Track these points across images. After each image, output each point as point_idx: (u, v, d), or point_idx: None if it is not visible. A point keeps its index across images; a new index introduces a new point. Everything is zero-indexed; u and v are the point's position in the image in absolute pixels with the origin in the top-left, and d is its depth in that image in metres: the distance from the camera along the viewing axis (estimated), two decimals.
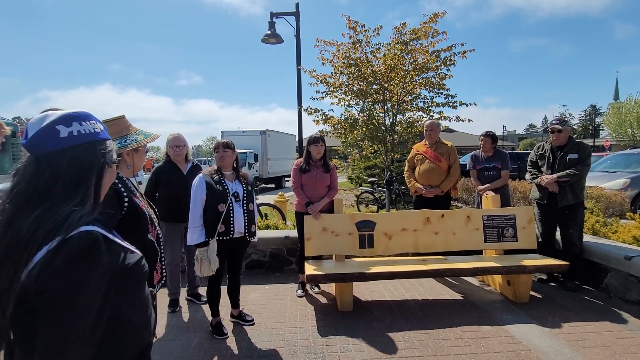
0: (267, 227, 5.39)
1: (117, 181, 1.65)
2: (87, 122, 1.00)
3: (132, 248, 1.02)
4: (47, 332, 0.80)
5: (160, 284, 1.76)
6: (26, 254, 0.82)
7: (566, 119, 4.34)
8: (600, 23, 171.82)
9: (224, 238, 2.96)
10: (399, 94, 7.06)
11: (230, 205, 2.96)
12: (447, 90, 7.05)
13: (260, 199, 9.59)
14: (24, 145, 0.93)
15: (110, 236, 0.95)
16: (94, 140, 0.99)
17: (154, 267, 1.68)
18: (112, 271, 0.90)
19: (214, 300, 3.15)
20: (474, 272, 3.78)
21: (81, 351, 0.84)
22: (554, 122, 4.15)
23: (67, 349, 0.81)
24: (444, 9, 6.83)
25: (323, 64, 7.10)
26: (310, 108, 7.39)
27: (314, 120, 7.35)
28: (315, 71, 7.30)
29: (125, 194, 1.64)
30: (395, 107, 7.24)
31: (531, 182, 4.37)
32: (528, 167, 4.40)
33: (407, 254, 4.19)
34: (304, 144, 4.05)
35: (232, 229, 2.97)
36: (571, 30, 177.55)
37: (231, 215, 2.96)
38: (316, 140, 3.88)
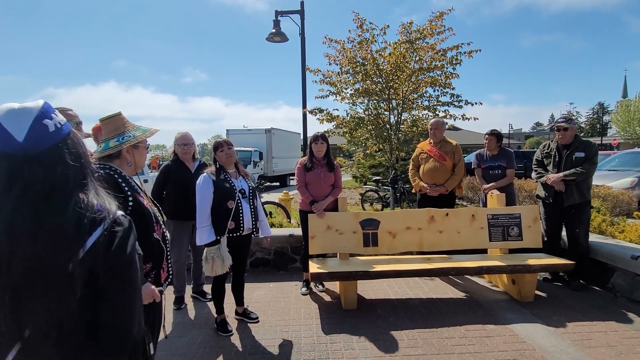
0: (272, 225, 5.40)
1: (120, 180, 1.63)
2: (56, 113, 1.00)
3: None
4: (121, 296, 0.94)
5: (167, 283, 1.76)
6: (80, 239, 0.91)
7: (572, 117, 4.31)
8: (613, 17, 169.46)
9: (234, 235, 2.99)
10: (404, 92, 7.03)
11: (239, 201, 2.99)
12: (453, 89, 7.01)
13: (265, 197, 9.61)
14: (22, 146, 0.89)
15: None
16: (70, 129, 1.03)
17: (160, 265, 1.68)
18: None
19: (218, 298, 3.18)
20: (478, 271, 3.77)
21: (139, 313, 0.99)
22: (560, 120, 4.13)
23: (136, 307, 0.98)
24: (452, 5, 6.79)
25: (329, 63, 7.09)
26: (315, 109, 7.39)
27: (318, 119, 7.35)
28: (320, 71, 7.29)
29: (129, 192, 1.61)
30: (401, 105, 7.21)
31: (537, 181, 4.34)
32: (534, 166, 4.37)
33: (411, 253, 4.19)
34: (309, 142, 4.06)
35: (241, 225, 3.00)
36: (583, 25, 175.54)
37: (240, 211, 2.99)
38: (316, 138, 3.88)
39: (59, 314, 0.87)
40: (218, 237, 2.92)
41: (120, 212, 1.00)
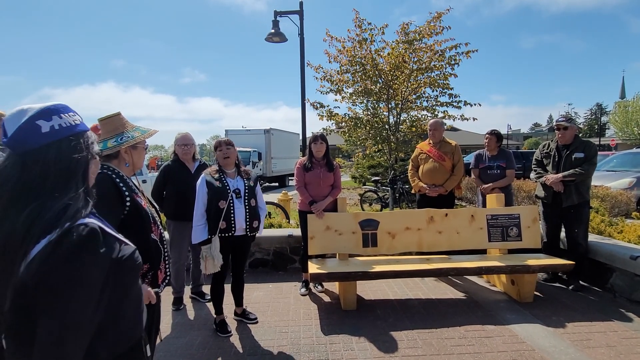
0: (271, 226, 5.39)
1: (118, 180, 1.63)
2: (66, 114, 0.98)
3: (126, 240, 1.03)
4: (47, 323, 0.81)
5: (164, 284, 1.75)
6: (23, 249, 0.83)
7: (572, 117, 4.31)
8: (613, 18, 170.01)
9: (226, 235, 2.99)
10: (403, 92, 7.04)
11: (231, 201, 2.98)
12: (451, 89, 7.02)
13: (264, 197, 9.60)
14: (5, 143, 0.91)
15: (106, 228, 0.95)
16: (76, 132, 0.98)
17: (157, 266, 1.67)
18: (108, 263, 0.91)
19: (217, 298, 3.17)
20: (477, 271, 3.77)
21: (79, 341, 0.85)
22: (560, 119, 4.13)
23: (67, 340, 0.83)
24: (452, 5, 6.81)
25: (330, 61, 7.10)
26: (316, 103, 7.38)
27: (319, 115, 7.35)
28: (321, 68, 7.30)
29: (126, 193, 1.61)
30: (400, 105, 7.22)
31: (536, 181, 4.35)
32: (533, 166, 4.37)
33: (410, 253, 4.18)
34: (308, 142, 4.05)
35: (233, 225, 2.99)
36: (583, 26, 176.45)
37: (232, 211, 2.98)
38: (316, 138, 3.88)
39: None
40: (210, 237, 2.95)
41: (83, 221, 0.89)
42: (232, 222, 2.98)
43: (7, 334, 0.87)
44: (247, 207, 3.06)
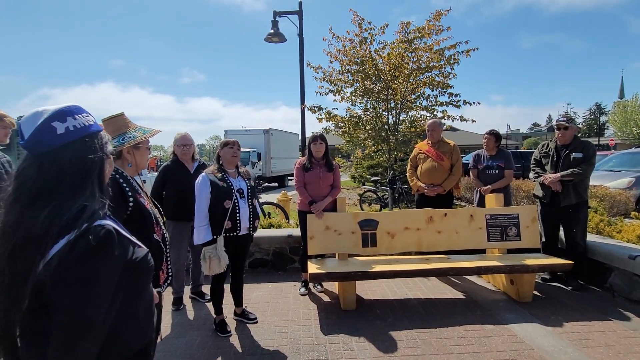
0: (271, 226, 5.40)
1: (121, 180, 1.63)
2: (80, 115, 0.99)
3: (139, 243, 1.04)
4: (63, 321, 0.83)
5: (166, 284, 1.75)
6: (42, 249, 0.85)
7: (572, 118, 4.32)
8: (613, 18, 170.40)
9: (231, 234, 2.99)
10: (402, 92, 7.05)
11: (236, 201, 2.98)
12: (451, 87, 7.03)
13: (264, 197, 9.60)
14: (23, 145, 0.93)
15: (120, 230, 0.97)
16: (90, 133, 1.00)
17: (159, 267, 1.68)
18: (122, 264, 0.93)
19: (217, 298, 3.18)
20: (477, 271, 3.78)
21: (93, 340, 0.88)
22: (560, 119, 4.14)
23: (82, 338, 0.85)
24: (451, 6, 6.85)
25: (331, 61, 7.11)
26: (314, 107, 7.40)
27: (318, 118, 7.36)
28: (321, 68, 7.31)
29: (129, 193, 1.61)
30: (399, 105, 7.23)
31: (534, 181, 4.36)
32: (532, 165, 4.38)
33: (410, 253, 4.19)
34: (307, 142, 4.07)
35: (238, 225, 2.99)
36: (583, 26, 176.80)
37: (237, 211, 2.98)
38: (315, 139, 3.89)
39: (11, 321, 0.86)
40: (215, 237, 2.93)
41: (100, 223, 0.90)
42: (238, 221, 2.99)
43: (24, 333, 0.89)
44: (250, 207, 3.08)
